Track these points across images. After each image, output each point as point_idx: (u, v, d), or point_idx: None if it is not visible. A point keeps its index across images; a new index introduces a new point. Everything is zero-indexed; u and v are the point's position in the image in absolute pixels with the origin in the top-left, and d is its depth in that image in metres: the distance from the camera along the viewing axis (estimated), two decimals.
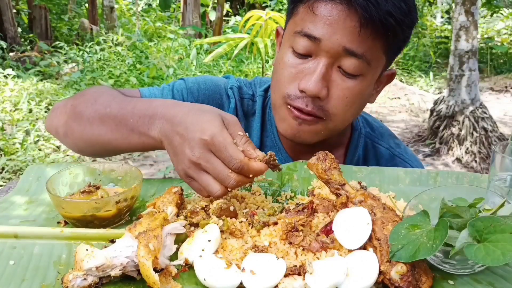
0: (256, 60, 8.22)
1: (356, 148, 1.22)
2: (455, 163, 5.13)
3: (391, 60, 1.08)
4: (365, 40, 0.95)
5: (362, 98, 1.04)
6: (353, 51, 0.95)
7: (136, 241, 0.68)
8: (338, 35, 0.94)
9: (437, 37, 10.57)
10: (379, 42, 0.97)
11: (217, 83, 1.23)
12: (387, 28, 0.94)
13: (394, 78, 1.15)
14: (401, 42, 1.04)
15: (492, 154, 0.87)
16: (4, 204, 0.93)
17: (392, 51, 1.03)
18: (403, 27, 0.97)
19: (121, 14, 11.78)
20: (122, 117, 0.93)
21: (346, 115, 1.04)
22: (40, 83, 6.43)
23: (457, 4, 5.30)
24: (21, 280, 0.70)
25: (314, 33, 0.95)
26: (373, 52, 0.97)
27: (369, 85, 1.04)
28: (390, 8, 0.93)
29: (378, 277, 0.67)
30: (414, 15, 0.99)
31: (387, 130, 1.30)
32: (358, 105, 1.05)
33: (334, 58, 0.97)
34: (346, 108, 1.01)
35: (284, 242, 0.76)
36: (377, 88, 1.11)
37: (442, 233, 0.64)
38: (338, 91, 0.99)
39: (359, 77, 0.99)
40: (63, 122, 1.03)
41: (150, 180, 1.03)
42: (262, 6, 11.41)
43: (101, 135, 0.96)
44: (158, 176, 4.44)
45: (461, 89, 5.31)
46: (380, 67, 1.04)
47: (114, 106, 0.96)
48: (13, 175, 4.12)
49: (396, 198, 0.93)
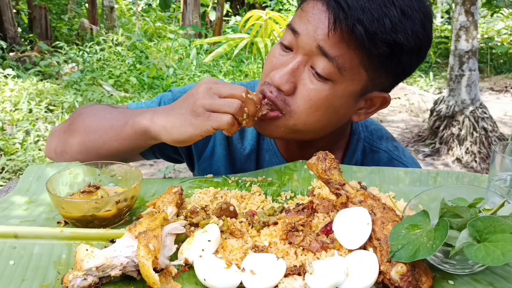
0: (256, 60, 8.23)
1: (354, 152, 1.21)
2: (455, 163, 5.13)
3: (377, 78, 0.99)
4: (336, 44, 0.92)
5: (330, 106, 0.99)
6: (325, 51, 0.93)
7: (136, 241, 0.68)
8: (312, 32, 0.94)
9: (437, 37, 10.57)
10: (355, 52, 0.93)
11: None
12: (355, 35, 0.89)
13: (386, 104, 1.07)
14: (385, 60, 0.95)
15: (492, 154, 0.87)
16: (4, 204, 0.93)
17: (373, 68, 0.96)
18: (377, 41, 0.89)
19: (121, 14, 11.78)
20: (118, 120, 1.04)
21: (309, 117, 1.00)
22: (40, 83, 6.43)
23: (457, 4, 5.29)
24: (21, 280, 0.70)
25: (295, 27, 0.98)
26: (347, 61, 0.93)
27: (341, 96, 0.98)
28: (364, 17, 0.88)
29: (378, 277, 0.67)
30: (400, 36, 0.90)
31: (386, 132, 1.29)
32: (324, 111, 0.99)
33: (308, 56, 0.96)
34: (309, 110, 0.98)
35: (284, 242, 0.76)
36: (368, 109, 1.06)
37: (442, 233, 0.64)
38: (304, 91, 0.98)
39: (328, 82, 0.96)
40: (61, 141, 1.11)
41: (150, 180, 1.03)
42: (262, 6, 11.41)
43: (96, 139, 1.05)
44: (158, 176, 4.44)
45: (461, 89, 5.31)
46: (358, 82, 0.98)
47: (114, 114, 1.07)
48: (13, 175, 4.12)
49: (396, 198, 0.93)
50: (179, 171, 4.56)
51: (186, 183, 1.01)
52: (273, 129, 1.03)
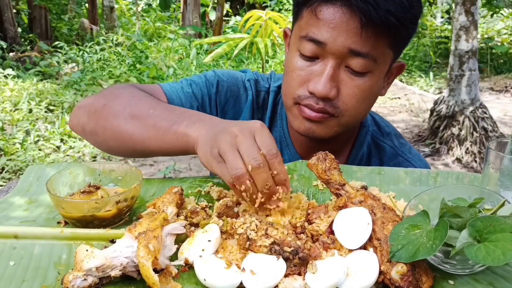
0: (256, 60, 8.23)
1: (362, 145, 1.24)
2: (455, 163, 5.13)
3: (399, 52, 1.09)
4: (368, 40, 0.96)
5: (372, 93, 1.06)
6: (358, 51, 0.97)
7: (136, 241, 0.68)
8: (342, 37, 0.96)
9: (437, 37, 10.57)
10: (383, 39, 0.98)
11: (235, 76, 1.26)
12: (389, 26, 0.95)
13: (404, 70, 1.16)
14: (406, 35, 1.04)
15: (486, 150, 0.87)
16: (4, 204, 0.93)
17: (398, 45, 1.04)
18: (405, 23, 0.97)
19: (121, 14, 11.78)
20: (162, 119, 0.96)
21: (358, 110, 1.06)
22: (40, 83, 6.43)
23: (457, 4, 5.29)
24: (21, 281, 0.70)
25: (318, 38, 0.98)
26: (378, 50, 0.99)
27: (378, 80, 1.05)
28: (390, 6, 0.93)
29: (378, 277, 0.67)
30: (416, 9, 0.99)
31: (394, 129, 1.32)
32: (369, 100, 1.07)
33: (340, 59, 0.99)
34: (357, 104, 1.03)
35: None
36: (387, 80, 1.13)
37: (442, 233, 0.64)
38: (348, 89, 1.01)
39: (367, 74, 1.01)
40: (93, 120, 1.04)
41: (150, 180, 1.03)
42: (262, 6, 11.41)
43: (135, 133, 0.98)
44: (158, 176, 4.44)
45: (461, 89, 5.31)
46: (388, 62, 1.06)
47: (158, 110, 0.99)
48: (13, 175, 4.12)
49: (396, 198, 0.93)
50: (179, 171, 4.56)
51: (186, 183, 1.01)
52: (327, 131, 1.07)
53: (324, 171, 0.84)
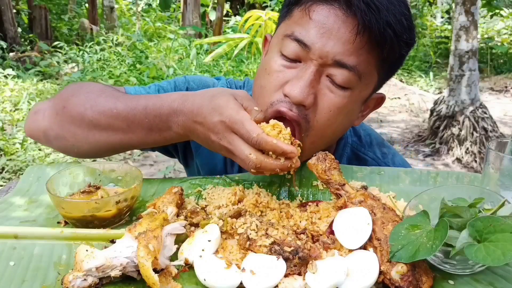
0: (256, 60, 8.23)
1: (340, 158, 1.15)
2: (455, 163, 5.13)
3: (381, 81, 1.00)
4: (359, 50, 0.88)
5: (347, 115, 0.96)
6: (344, 63, 0.89)
7: (136, 241, 0.68)
8: (330, 46, 0.88)
9: (437, 37, 10.57)
10: (374, 55, 0.91)
11: (206, 82, 1.21)
12: (385, 39, 0.88)
13: (382, 103, 1.07)
14: (395, 60, 0.96)
15: (486, 150, 0.87)
16: (4, 204, 0.93)
17: (384, 69, 0.96)
18: (400, 42, 0.90)
19: (121, 14, 11.78)
20: (134, 117, 0.92)
21: (326, 130, 0.95)
22: (40, 83, 6.44)
23: (457, 4, 5.30)
24: (21, 281, 0.70)
25: (304, 40, 0.89)
26: (366, 66, 0.91)
27: (356, 102, 0.96)
28: (391, 19, 0.87)
29: (378, 277, 0.67)
30: (412, 35, 0.93)
31: (376, 137, 1.24)
32: (340, 122, 0.96)
33: (324, 67, 0.90)
34: (329, 123, 0.93)
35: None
36: (363, 111, 1.04)
37: (442, 233, 0.64)
38: (324, 103, 0.91)
39: (348, 90, 0.92)
40: (56, 125, 0.97)
41: (150, 180, 1.03)
42: (262, 6, 11.40)
43: (110, 136, 0.95)
44: (158, 176, 4.44)
45: (461, 89, 5.32)
46: (370, 86, 0.97)
47: (120, 106, 0.94)
48: (13, 175, 4.12)
49: (396, 198, 0.93)
50: (179, 171, 4.56)
51: (186, 183, 1.01)
52: None
53: (324, 171, 0.84)
